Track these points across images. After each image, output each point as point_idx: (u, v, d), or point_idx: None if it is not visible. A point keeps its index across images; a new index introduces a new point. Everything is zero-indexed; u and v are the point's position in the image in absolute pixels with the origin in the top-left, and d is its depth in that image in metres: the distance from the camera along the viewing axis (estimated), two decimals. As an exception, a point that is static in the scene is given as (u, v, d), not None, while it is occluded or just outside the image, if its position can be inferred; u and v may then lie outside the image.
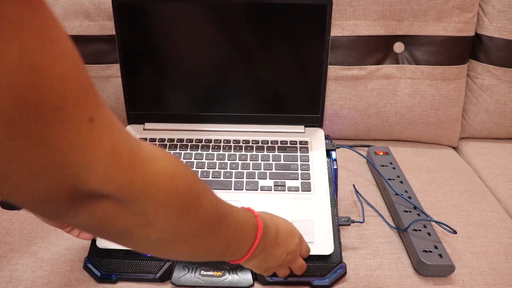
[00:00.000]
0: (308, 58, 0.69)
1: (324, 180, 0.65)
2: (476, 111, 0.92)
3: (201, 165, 0.67)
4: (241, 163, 0.68)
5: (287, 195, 0.64)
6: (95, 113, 0.25)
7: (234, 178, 0.66)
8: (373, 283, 0.58)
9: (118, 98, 0.88)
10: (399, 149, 0.90)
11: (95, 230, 0.32)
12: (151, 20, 0.67)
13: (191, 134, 0.72)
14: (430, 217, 0.66)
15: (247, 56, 0.70)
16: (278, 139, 0.71)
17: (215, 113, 0.73)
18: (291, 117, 0.73)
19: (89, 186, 0.26)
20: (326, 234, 0.60)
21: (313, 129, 0.73)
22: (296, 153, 0.69)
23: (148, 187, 0.29)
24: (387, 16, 0.84)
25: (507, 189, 0.79)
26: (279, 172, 0.67)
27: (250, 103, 0.72)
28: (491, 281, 0.59)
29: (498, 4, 0.85)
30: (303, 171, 0.67)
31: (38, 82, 0.21)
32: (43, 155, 0.23)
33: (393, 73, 0.87)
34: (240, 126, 0.73)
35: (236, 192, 0.64)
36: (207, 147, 0.70)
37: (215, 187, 0.65)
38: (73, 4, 0.83)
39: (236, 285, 0.57)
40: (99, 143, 0.26)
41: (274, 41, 0.68)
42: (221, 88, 0.71)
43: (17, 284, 0.58)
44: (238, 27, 0.68)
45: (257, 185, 0.65)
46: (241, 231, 0.42)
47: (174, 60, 0.70)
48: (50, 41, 0.22)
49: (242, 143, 0.71)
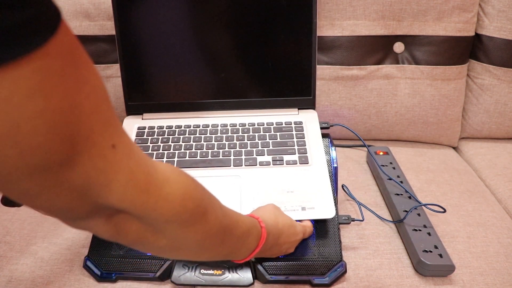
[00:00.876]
0: (297, 42, 0.71)
1: (321, 153, 0.67)
2: (476, 111, 0.92)
3: (200, 147, 0.69)
4: (239, 142, 0.69)
5: (286, 168, 0.65)
6: (117, 140, 0.29)
7: (233, 156, 0.67)
8: (373, 283, 0.58)
9: (118, 98, 0.88)
10: (399, 149, 0.90)
11: (110, 235, 0.35)
12: (149, 12, 0.68)
13: (188, 121, 0.73)
14: (419, 201, 0.66)
15: (239, 43, 0.71)
16: (273, 121, 0.73)
17: (211, 100, 0.74)
18: (285, 100, 0.75)
19: (108, 203, 0.30)
20: (327, 199, 0.61)
21: (307, 111, 0.75)
22: (291, 132, 0.71)
23: (159, 207, 0.32)
24: (387, 16, 0.84)
25: (507, 189, 0.79)
26: (276, 148, 0.68)
27: (244, 88, 0.74)
28: (491, 281, 0.59)
29: (498, 4, 0.85)
30: (300, 146, 0.68)
31: (73, 119, 0.25)
32: (73, 176, 0.27)
33: (393, 73, 0.87)
34: (235, 112, 0.75)
35: (235, 168, 0.65)
36: (205, 132, 0.71)
37: (214, 164, 0.66)
38: (73, 4, 0.83)
39: (236, 283, 0.57)
40: (119, 167, 0.29)
41: (263, 26, 0.70)
42: (216, 75, 0.73)
43: (17, 284, 0.58)
44: (230, 15, 0.70)
45: (255, 161, 0.66)
46: (243, 240, 0.45)
47: (169, 50, 0.71)
48: (84, 82, 0.26)
49: (239, 126, 0.72)
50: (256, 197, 0.61)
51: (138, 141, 0.70)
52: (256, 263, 0.58)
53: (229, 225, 0.42)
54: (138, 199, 0.31)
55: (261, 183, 0.63)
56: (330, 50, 0.85)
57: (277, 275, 0.58)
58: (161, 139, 0.70)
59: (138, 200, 0.31)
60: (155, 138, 0.70)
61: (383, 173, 0.75)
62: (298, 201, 0.60)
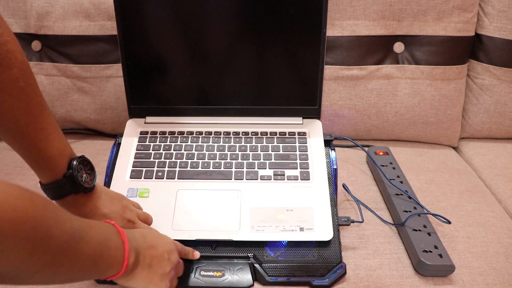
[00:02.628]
0: (305, 51, 0.70)
1: (322, 169, 0.66)
2: (476, 111, 0.92)
3: (202, 156, 0.68)
4: (241, 153, 0.69)
5: (286, 184, 0.65)
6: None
7: (235, 168, 0.67)
8: (373, 283, 0.58)
9: (118, 98, 0.88)
10: (399, 149, 0.90)
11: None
12: (152, 14, 0.68)
13: (191, 127, 0.73)
14: (426, 209, 0.66)
15: (245, 49, 0.70)
16: (276, 130, 0.73)
17: (215, 106, 0.74)
18: (289, 109, 0.74)
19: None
20: (326, 220, 0.60)
21: (311, 121, 0.74)
22: (294, 144, 0.70)
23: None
24: (387, 16, 0.84)
25: (507, 189, 0.79)
26: (278, 162, 0.68)
27: (248, 95, 0.73)
28: (491, 281, 0.59)
29: (498, 4, 0.85)
30: (302, 160, 0.68)
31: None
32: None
33: (393, 73, 0.87)
34: (239, 118, 0.74)
35: (236, 182, 0.65)
36: (207, 139, 0.71)
37: (216, 177, 0.66)
38: (73, 4, 0.83)
39: (236, 285, 0.57)
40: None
41: (271, 34, 0.69)
42: (221, 81, 0.72)
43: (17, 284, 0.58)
44: (236, 22, 0.69)
45: (257, 174, 0.66)
46: (104, 242, 0.40)
47: (174, 54, 0.71)
48: None
49: (242, 135, 0.72)
50: (256, 215, 0.61)
51: (140, 147, 0.69)
52: (255, 264, 0.58)
53: (81, 234, 0.37)
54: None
55: (261, 200, 0.63)
56: (330, 50, 0.85)
57: (277, 276, 0.58)
58: (163, 147, 0.69)
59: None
60: (157, 145, 0.70)
61: (383, 173, 0.75)
62: (297, 221, 0.60)
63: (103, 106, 0.89)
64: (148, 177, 0.66)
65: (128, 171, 0.67)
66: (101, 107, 0.89)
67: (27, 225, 0.31)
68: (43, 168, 0.49)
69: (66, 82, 0.87)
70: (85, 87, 0.87)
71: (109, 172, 0.68)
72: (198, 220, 0.61)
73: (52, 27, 0.84)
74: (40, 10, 0.83)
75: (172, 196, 0.63)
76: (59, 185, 0.49)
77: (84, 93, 0.88)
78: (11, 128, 0.46)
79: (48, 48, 0.86)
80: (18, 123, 0.45)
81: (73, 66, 0.86)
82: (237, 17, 0.68)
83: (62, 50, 0.86)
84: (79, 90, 0.88)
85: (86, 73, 0.86)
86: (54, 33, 0.84)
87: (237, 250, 0.60)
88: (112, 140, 0.89)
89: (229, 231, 0.59)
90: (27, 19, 0.85)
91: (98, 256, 0.39)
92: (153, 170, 0.67)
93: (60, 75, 0.87)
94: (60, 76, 0.87)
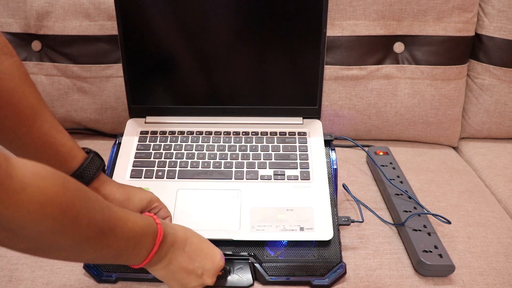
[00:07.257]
0: (305, 51, 0.70)
1: (323, 169, 0.66)
2: (476, 111, 0.92)
3: (202, 156, 0.68)
4: (241, 153, 0.69)
5: (286, 183, 0.65)
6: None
7: (235, 168, 0.67)
8: (373, 283, 0.58)
9: (118, 98, 0.88)
10: (399, 149, 0.90)
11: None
12: (153, 14, 0.67)
13: (191, 126, 0.73)
14: (426, 210, 0.66)
15: (246, 49, 0.70)
16: (277, 130, 0.73)
17: (215, 106, 0.74)
18: (289, 109, 0.74)
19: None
20: (326, 220, 0.60)
21: (311, 121, 0.74)
22: (295, 144, 0.70)
23: (15, 216, 0.30)
24: (387, 16, 0.84)
25: (507, 189, 0.79)
26: (278, 162, 0.68)
27: (248, 95, 0.73)
28: (491, 281, 0.59)
29: (498, 4, 0.85)
30: (302, 160, 0.68)
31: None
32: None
33: (393, 73, 0.87)
34: (239, 118, 0.74)
35: (236, 182, 0.65)
36: (207, 139, 0.71)
37: (216, 177, 0.66)
38: (73, 4, 0.83)
39: (236, 284, 0.57)
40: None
41: (272, 34, 0.69)
42: (221, 81, 0.72)
43: (17, 284, 0.58)
44: (237, 22, 0.69)
45: (257, 174, 0.66)
46: (135, 240, 0.42)
47: (175, 54, 0.71)
48: None
49: (242, 135, 0.72)
50: (256, 214, 0.61)
51: (140, 147, 0.69)
52: (255, 264, 0.58)
53: (112, 228, 0.39)
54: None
55: (262, 199, 0.63)
56: (330, 50, 0.85)
57: (277, 276, 0.58)
58: (163, 146, 0.69)
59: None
60: (158, 145, 0.70)
61: (383, 173, 0.75)
62: (297, 221, 0.60)
63: (103, 106, 0.89)
64: (148, 176, 0.66)
65: (128, 170, 0.67)
66: (101, 107, 0.89)
67: (55, 209, 0.32)
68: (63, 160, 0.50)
69: (66, 82, 0.87)
70: (85, 87, 0.87)
71: (109, 171, 0.68)
72: (198, 220, 0.61)
73: (52, 27, 0.84)
74: (40, 10, 0.83)
75: (172, 195, 0.63)
76: (87, 165, 0.51)
77: (84, 93, 0.88)
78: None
79: (48, 48, 0.86)
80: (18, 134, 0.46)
81: (73, 66, 0.86)
82: (237, 17, 0.68)
83: (62, 50, 0.86)
84: (79, 90, 0.88)
85: (86, 73, 0.86)
86: (54, 33, 0.84)
87: (237, 250, 0.60)
88: (112, 140, 0.89)
89: (229, 230, 0.59)
90: (27, 19, 0.85)
91: (124, 250, 0.42)
92: (153, 169, 0.67)
93: (60, 75, 0.87)
94: (60, 76, 0.87)
